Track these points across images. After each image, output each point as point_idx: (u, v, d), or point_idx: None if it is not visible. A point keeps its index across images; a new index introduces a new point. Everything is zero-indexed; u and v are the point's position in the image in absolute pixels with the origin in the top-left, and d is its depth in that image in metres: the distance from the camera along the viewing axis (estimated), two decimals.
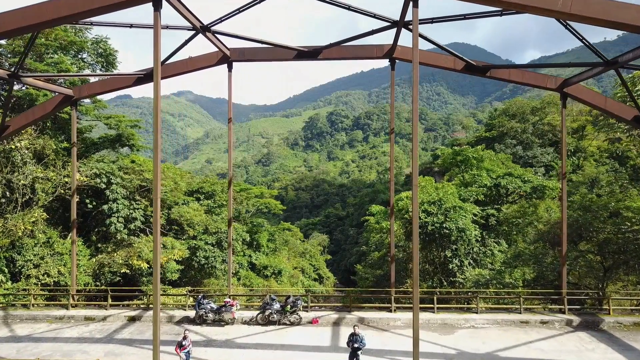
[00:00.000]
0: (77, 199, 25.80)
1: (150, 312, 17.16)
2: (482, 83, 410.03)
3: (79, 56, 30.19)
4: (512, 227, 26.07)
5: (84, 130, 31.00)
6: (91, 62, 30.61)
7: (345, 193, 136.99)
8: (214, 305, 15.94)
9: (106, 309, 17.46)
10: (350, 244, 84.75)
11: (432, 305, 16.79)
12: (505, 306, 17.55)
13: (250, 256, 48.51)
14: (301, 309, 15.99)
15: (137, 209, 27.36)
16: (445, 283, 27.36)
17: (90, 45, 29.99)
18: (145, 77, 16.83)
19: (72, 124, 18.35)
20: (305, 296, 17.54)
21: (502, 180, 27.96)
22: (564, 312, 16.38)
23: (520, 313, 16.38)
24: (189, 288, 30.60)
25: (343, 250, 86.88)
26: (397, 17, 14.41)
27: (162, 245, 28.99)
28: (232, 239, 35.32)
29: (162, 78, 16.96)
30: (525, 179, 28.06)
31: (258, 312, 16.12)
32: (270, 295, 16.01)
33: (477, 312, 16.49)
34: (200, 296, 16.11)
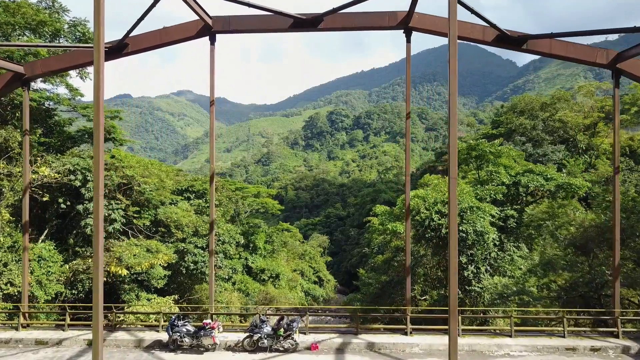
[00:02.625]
0: (47, 198, 23.17)
1: (117, 334, 14.31)
2: (483, 83, 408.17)
3: (56, 41, 27.34)
4: (539, 231, 23.20)
5: (62, 123, 28.23)
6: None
7: (346, 193, 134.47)
8: (191, 328, 13.06)
9: (63, 330, 14.58)
10: (351, 245, 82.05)
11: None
12: (545, 328, 14.67)
13: (246, 259, 45.86)
14: (297, 332, 13.10)
15: (117, 209, 24.53)
16: (459, 292, 24.53)
17: (67, 29, 27.13)
18: (113, 49, 13.95)
19: (23, 109, 15.50)
20: (303, 314, 14.62)
21: (522, 178, 25.11)
22: (616, 336, 13.50)
23: (563, 337, 13.47)
24: (175, 297, 27.80)
25: (344, 251, 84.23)
26: None
27: (146, 249, 26.20)
28: (224, 242, 32.50)
29: (131, 53, 14.16)
30: (548, 176, 25.22)
31: (245, 335, 13.25)
32: (260, 316, 13.13)
33: (511, 336, 13.60)
34: (173, 317, 13.24)
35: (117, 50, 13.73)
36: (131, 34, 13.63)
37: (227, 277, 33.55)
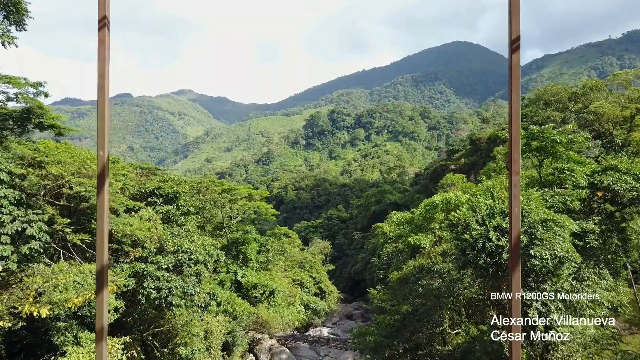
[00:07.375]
0: None
1: None
2: (485, 82, 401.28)
3: None
4: None
5: None
6: None
7: (348, 193, 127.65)
8: None
9: None
10: (354, 250, 75.06)
11: None
12: None
13: (235, 273, 38.90)
14: None
15: (36, 221, 17.26)
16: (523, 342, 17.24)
17: None
18: None
19: None
20: None
21: (605, 178, 17.90)
22: None
23: None
24: (127, 339, 20.48)
25: (347, 256, 77.28)
26: None
27: (80, 272, 18.97)
28: (199, 261, 25.11)
29: None
30: (639, 175, 18.03)
31: None
32: None
33: None
34: None
35: None
36: None
37: (203, 304, 26.25)
